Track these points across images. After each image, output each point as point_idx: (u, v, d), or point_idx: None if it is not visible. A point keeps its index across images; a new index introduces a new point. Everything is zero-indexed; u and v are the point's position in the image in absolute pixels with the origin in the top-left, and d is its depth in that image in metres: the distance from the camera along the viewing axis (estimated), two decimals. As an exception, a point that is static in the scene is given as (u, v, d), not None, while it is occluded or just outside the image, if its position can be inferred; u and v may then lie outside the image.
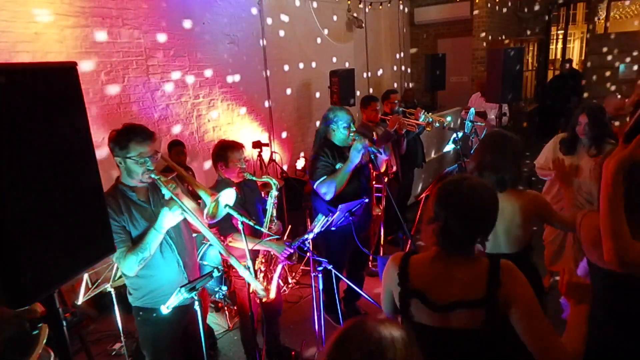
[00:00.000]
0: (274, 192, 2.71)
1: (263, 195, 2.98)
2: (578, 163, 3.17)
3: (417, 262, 1.49)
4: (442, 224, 1.38)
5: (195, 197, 2.28)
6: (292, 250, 2.63)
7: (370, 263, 4.24)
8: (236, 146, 2.70)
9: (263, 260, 2.70)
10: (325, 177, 3.03)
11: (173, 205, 1.98)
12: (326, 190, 3.04)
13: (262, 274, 2.68)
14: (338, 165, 3.10)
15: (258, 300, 2.58)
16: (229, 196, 2.15)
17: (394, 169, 4.40)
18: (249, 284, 2.47)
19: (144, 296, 2.14)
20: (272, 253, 2.73)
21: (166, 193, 2.01)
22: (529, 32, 9.15)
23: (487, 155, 2.10)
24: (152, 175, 1.99)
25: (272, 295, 2.76)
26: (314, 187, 3.11)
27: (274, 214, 2.72)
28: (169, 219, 2.00)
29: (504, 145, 2.09)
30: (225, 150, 2.67)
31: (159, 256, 2.10)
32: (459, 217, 1.37)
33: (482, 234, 1.42)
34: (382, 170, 3.36)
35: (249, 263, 2.38)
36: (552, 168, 3.31)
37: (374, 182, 3.59)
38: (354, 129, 3.10)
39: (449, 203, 1.39)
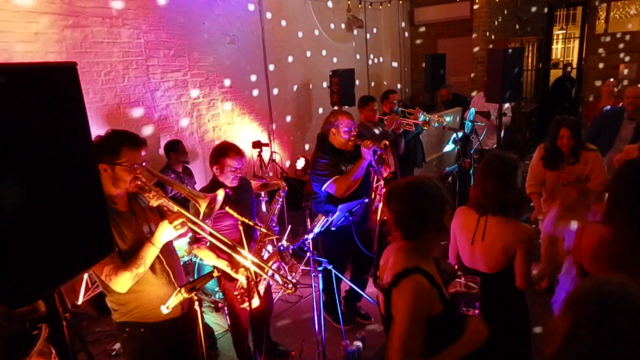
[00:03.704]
0: (282, 193, 2.73)
1: (263, 195, 2.98)
2: (563, 175, 3.21)
3: (386, 250, 1.75)
4: (394, 217, 1.60)
5: (181, 203, 2.21)
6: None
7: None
8: (234, 153, 2.64)
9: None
10: (337, 177, 3.07)
11: (175, 219, 1.90)
12: (337, 189, 3.06)
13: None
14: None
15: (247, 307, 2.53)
16: (218, 196, 2.12)
17: (392, 169, 4.39)
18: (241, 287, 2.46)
19: (132, 311, 2.03)
20: (263, 254, 2.73)
21: (154, 202, 1.91)
22: (529, 32, 9.15)
23: (487, 182, 2.08)
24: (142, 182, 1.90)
25: (256, 303, 2.58)
26: (324, 187, 3.11)
27: (276, 214, 2.73)
28: (168, 232, 1.91)
29: (501, 170, 2.07)
30: (224, 156, 2.62)
31: (149, 270, 1.99)
32: (403, 207, 1.57)
33: (429, 221, 1.58)
34: (385, 175, 3.37)
35: (250, 266, 2.37)
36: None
37: (381, 188, 3.60)
38: (354, 134, 3.11)
39: (393, 198, 1.60)
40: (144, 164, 1.94)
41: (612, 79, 5.64)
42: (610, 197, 1.90)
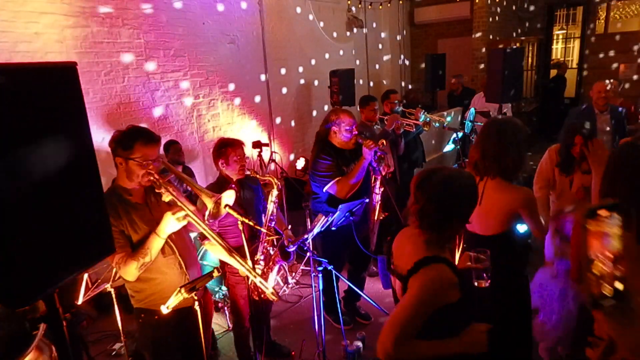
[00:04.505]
0: (275, 192, 2.72)
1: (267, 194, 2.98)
2: (572, 180, 3.22)
3: (399, 235, 1.71)
4: (419, 206, 1.52)
5: (194, 199, 2.27)
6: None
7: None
8: (236, 143, 2.71)
9: (262, 258, 2.70)
10: (339, 178, 3.06)
11: (177, 211, 1.97)
12: (339, 190, 3.06)
13: (260, 272, 2.68)
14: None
15: (256, 297, 2.57)
16: (229, 197, 2.15)
17: (392, 169, 4.40)
18: (247, 281, 2.47)
19: (146, 298, 2.12)
20: (270, 251, 2.74)
21: (166, 197, 1.98)
22: (529, 32, 9.16)
23: (487, 143, 2.10)
24: (152, 178, 1.97)
25: (269, 293, 2.74)
26: (325, 189, 3.10)
27: (274, 213, 2.73)
28: (171, 224, 1.98)
29: (503, 132, 2.08)
30: (226, 147, 2.67)
31: (161, 259, 2.08)
32: (432, 200, 1.49)
33: (456, 217, 1.53)
34: (384, 173, 3.37)
35: (249, 263, 2.39)
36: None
37: (379, 187, 3.59)
38: (356, 132, 3.10)
39: (424, 188, 1.51)
40: (158, 160, 2.01)
41: (612, 80, 5.70)
42: (612, 183, 1.86)
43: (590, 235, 0.80)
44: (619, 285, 0.78)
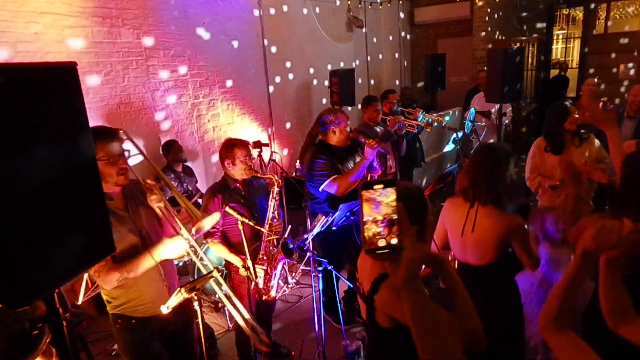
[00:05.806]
0: (275, 189, 2.73)
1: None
2: (569, 159, 3.22)
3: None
4: None
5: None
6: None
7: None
8: (242, 143, 2.71)
9: (264, 258, 2.71)
10: (336, 176, 3.08)
11: (179, 242, 1.96)
12: (336, 187, 3.08)
13: (262, 272, 2.69)
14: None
15: (257, 297, 2.59)
16: (210, 222, 2.14)
17: (393, 169, 4.40)
18: (249, 281, 2.49)
19: (123, 304, 2.08)
20: (271, 251, 2.74)
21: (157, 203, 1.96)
22: (529, 32, 9.15)
23: (478, 171, 2.09)
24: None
25: (273, 293, 2.77)
26: (322, 187, 3.12)
27: (275, 211, 2.74)
28: (170, 251, 1.97)
29: (493, 160, 2.07)
30: (232, 148, 2.68)
31: None
32: None
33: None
34: (380, 172, 3.38)
35: (249, 262, 2.41)
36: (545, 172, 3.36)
37: None
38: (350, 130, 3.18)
39: None
40: (125, 153, 1.95)
41: (595, 79, 5.73)
42: (625, 189, 1.82)
43: (364, 202, 0.90)
44: (393, 241, 0.89)
